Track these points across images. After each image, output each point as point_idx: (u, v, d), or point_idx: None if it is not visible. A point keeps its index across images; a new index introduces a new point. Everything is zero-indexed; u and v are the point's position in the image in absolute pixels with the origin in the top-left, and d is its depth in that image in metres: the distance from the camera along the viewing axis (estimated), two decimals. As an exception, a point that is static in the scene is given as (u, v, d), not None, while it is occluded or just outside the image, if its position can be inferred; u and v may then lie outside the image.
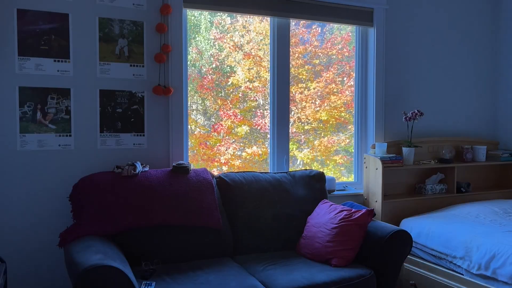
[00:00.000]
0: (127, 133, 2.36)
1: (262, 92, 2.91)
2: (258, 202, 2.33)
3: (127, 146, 2.36)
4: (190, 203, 2.11)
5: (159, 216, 2.05)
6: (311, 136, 3.09)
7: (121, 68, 2.33)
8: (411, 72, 3.18)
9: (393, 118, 3.08)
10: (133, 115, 2.37)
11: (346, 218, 2.13)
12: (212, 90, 2.82)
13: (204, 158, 2.81)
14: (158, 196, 2.08)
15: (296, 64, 2.99)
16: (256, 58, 2.88)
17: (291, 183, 2.48)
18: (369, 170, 2.87)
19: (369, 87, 3.06)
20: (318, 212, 2.33)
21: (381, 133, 3.03)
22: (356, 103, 3.09)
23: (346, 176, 3.20)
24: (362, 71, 3.07)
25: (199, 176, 2.24)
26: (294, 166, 3.03)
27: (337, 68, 3.13)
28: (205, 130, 2.83)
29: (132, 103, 2.37)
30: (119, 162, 2.30)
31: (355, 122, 3.10)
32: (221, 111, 2.84)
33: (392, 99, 3.10)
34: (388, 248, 2.10)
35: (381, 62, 3.01)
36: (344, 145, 3.20)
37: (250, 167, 2.89)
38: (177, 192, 2.12)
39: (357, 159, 3.10)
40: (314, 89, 3.05)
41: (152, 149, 2.42)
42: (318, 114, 3.07)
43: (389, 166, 2.80)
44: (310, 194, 2.48)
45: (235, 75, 2.84)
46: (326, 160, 3.15)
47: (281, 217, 2.35)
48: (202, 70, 2.76)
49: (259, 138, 2.94)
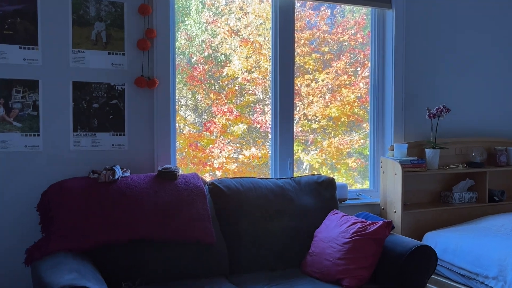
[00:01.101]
0: (104, 132, 2.37)
1: (262, 85, 2.94)
2: (257, 213, 2.33)
3: (105, 147, 2.38)
4: (178, 214, 2.14)
5: (142, 230, 2.08)
6: (319, 136, 3.12)
7: (98, 57, 2.34)
8: (436, 61, 3.22)
9: (414, 115, 3.12)
10: (112, 111, 2.38)
11: (360, 232, 2.14)
12: (204, 82, 2.85)
13: (195, 162, 2.83)
14: (141, 206, 2.11)
15: (301, 52, 3.02)
16: (255, 45, 2.90)
17: (296, 190, 2.51)
18: (386, 175, 2.90)
19: (386, 79, 3.09)
20: (327, 224, 2.35)
21: (400, 133, 3.07)
22: (371, 97, 3.13)
23: (360, 182, 3.23)
24: (378, 60, 3.10)
25: (189, 183, 2.26)
26: (300, 171, 3.06)
27: (350, 56, 3.16)
28: (196, 129, 2.86)
29: (111, 97, 2.38)
30: (95, 166, 2.30)
31: (371, 119, 3.13)
32: (215, 106, 2.87)
33: (414, 93, 3.13)
34: (409, 267, 2.12)
35: (400, 50, 3.05)
36: (358, 147, 3.23)
37: (248, 172, 2.92)
38: (163, 201, 2.15)
39: (373, 162, 3.13)
40: (323, 81, 3.08)
41: (134, 151, 2.42)
42: (328, 110, 3.10)
43: (410, 171, 2.83)
44: (318, 203, 2.51)
45: (231, 64, 2.86)
46: (337, 164, 3.18)
47: (284, 230, 2.36)
48: (193, 59, 2.79)
49: (258, 138, 2.97)
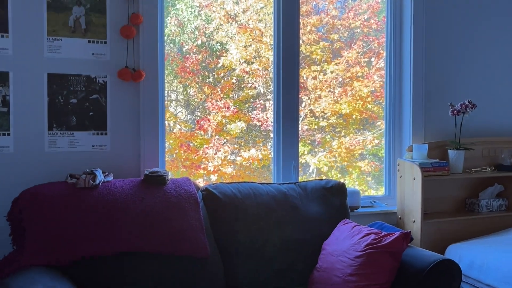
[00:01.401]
0: (84, 131, 2.37)
1: (263, 77, 2.90)
2: (257, 223, 2.32)
3: (84, 148, 2.37)
4: (167, 224, 2.11)
5: (126, 242, 2.04)
6: (328, 136, 3.09)
7: (77, 45, 2.33)
8: (460, 50, 3.17)
9: (436, 111, 3.07)
10: (92, 107, 2.37)
11: (374, 244, 2.12)
12: (196, 75, 2.82)
13: (187, 165, 2.80)
14: (126, 215, 2.08)
15: (308, 40, 2.98)
16: (255, 32, 2.88)
17: (301, 197, 2.48)
18: (404, 180, 2.87)
19: (404, 71, 3.05)
20: (337, 235, 2.33)
21: (420, 132, 3.03)
22: (387, 91, 3.09)
23: (374, 188, 3.19)
24: (395, 49, 3.06)
25: (180, 188, 2.24)
26: (306, 175, 3.02)
27: (362, 45, 3.12)
28: (188, 128, 2.83)
29: (91, 92, 2.37)
30: (73, 170, 2.29)
31: (386, 116, 3.09)
32: (209, 102, 2.84)
33: (435, 87, 3.09)
34: (429, 284, 2.08)
35: (420, 37, 3.01)
36: (372, 148, 3.19)
37: (247, 176, 2.88)
38: (151, 209, 2.12)
39: (389, 165, 3.10)
40: (332, 73, 3.05)
41: (117, 152, 2.42)
42: (337, 106, 3.06)
43: (430, 175, 2.80)
44: (326, 212, 2.49)
45: (227, 54, 2.83)
46: (348, 167, 3.15)
47: (288, 243, 2.35)
48: (184, 48, 2.76)
49: (259, 138, 2.94)
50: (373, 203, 2.99)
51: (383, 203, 3.03)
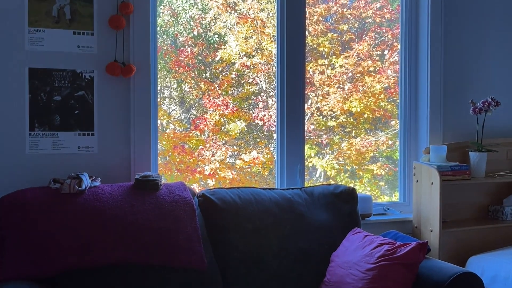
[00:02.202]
0: (69, 132, 2.36)
1: (265, 72, 2.92)
2: (259, 232, 2.32)
3: (69, 150, 2.37)
4: (160, 234, 2.12)
5: (115, 253, 2.05)
6: (337, 136, 3.10)
7: (61, 37, 2.32)
8: (483, 43, 3.18)
9: (455, 109, 3.08)
10: (78, 105, 2.36)
11: (388, 255, 2.13)
12: (192, 69, 2.83)
13: (181, 168, 2.81)
14: (114, 223, 2.08)
15: (314, 31, 2.99)
16: (257, 22, 2.89)
17: (308, 204, 2.50)
18: (421, 185, 2.86)
19: (420, 65, 3.06)
20: (347, 246, 2.34)
21: (438, 132, 3.03)
22: (402, 87, 3.09)
23: (387, 194, 3.20)
24: (410, 41, 3.06)
25: (174, 194, 2.25)
26: (312, 179, 3.04)
27: (375, 37, 3.13)
28: (183, 127, 2.85)
29: (77, 88, 2.36)
30: (57, 174, 2.27)
31: (401, 115, 3.09)
32: (206, 99, 2.85)
33: (455, 82, 3.09)
34: None
35: (438, 27, 3.01)
36: (385, 149, 3.20)
37: (247, 181, 2.89)
38: (142, 217, 2.13)
39: (404, 169, 3.10)
40: (341, 67, 3.05)
41: (105, 155, 2.42)
42: (347, 104, 3.06)
43: (450, 180, 2.80)
44: (335, 220, 2.49)
45: (226, 47, 2.84)
46: (359, 171, 3.15)
47: (293, 253, 2.34)
48: (178, 39, 2.77)
49: (260, 139, 2.95)
50: (387, 211, 2.99)
51: (397, 210, 3.02)
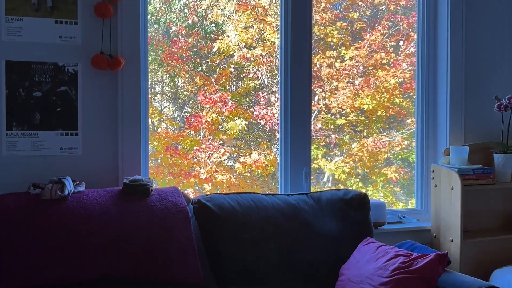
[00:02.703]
0: (50, 131, 2.36)
1: (267, 65, 2.91)
2: (260, 242, 2.32)
3: (51, 151, 2.37)
4: (151, 244, 2.11)
5: (102, 266, 2.04)
6: (347, 136, 3.09)
7: (41, 26, 2.32)
8: (509, 32, 3.17)
9: (478, 106, 3.07)
10: (60, 102, 2.37)
11: (404, 268, 2.12)
12: (186, 62, 2.83)
13: (174, 171, 2.81)
14: (100, 233, 2.07)
15: (322, 19, 2.98)
16: (258, 9, 2.88)
17: (315, 211, 2.49)
18: (440, 190, 2.86)
19: (439, 57, 3.05)
20: (358, 258, 2.33)
21: (459, 131, 3.03)
22: (419, 82, 3.08)
23: (403, 200, 3.19)
24: (428, 30, 3.05)
25: (167, 201, 2.25)
26: (320, 184, 3.03)
27: (388, 26, 3.12)
28: (176, 126, 2.84)
29: (59, 83, 2.36)
30: (37, 178, 2.26)
31: (418, 113, 3.09)
32: (202, 95, 2.84)
33: (478, 76, 3.08)
34: None
35: (459, 15, 3.00)
36: (400, 151, 3.19)
37: (247, 186, 2.89)
38: (131, 226, 2.12)
39: (421, 173, 3.09)
40: (352, 59, 3.05)
41: (90, 157, 2.42)
42: (358, 100, 3.06)
43: (472, 184, 2.79)
44: (344, 229, 2.49)
45: (224, 37, 2.84)
46: (371, 175, 3.15)
47: (299, 266, 2.35)
48: (171, 29, 2.77)
49: (262, 139, 2.95)
50: (402, 219, 2.99)
51: (414, 218, 3.02)
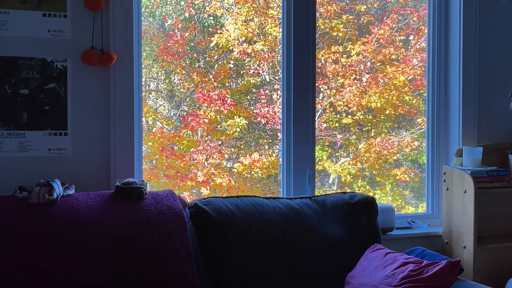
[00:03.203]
0: (38, 131, 2.37)
1: (268, 61, 2.92)
2: (261, 249, 2.33)
3: (38, 152, 2.38)
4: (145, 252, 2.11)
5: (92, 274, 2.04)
6: (353, 136, 3.11)
7: (28, 20, 2.33)
8: None
9: (492, 105, 3.07)
10: (48, 99, 2.38)
11: (414, 276, 2.12)
12: (183, 57, 2.84)
13: (170, 174, 2.82)
14: (91, 239, 2.08)
15: (326, 12, 3.00)
16: (259, 2, 2.89)
17: (319, 216, 2.50)
18: (452, 193, 2.87)
19: (452, 52, 3.06)
20: (365, 265, 2.34)
21: (472, 131, 3.03)
22: (430, 79, 3.10)
23: (413, 204, 3.19)
24: (440, 24, 3.07)
25: (161, 204, 2.26)
26: (324, 186, 3.04)
27: (398, 19, 3.13)
28: (172, 126, 2.85)
29: (47, 80, 2.37)
30: (24, 181, 2.27)
31: (429, 112, 3.11)
32: (199, 92, 2.86)
33: (492, 73, 3.08)
34: None
35: (472, 9, 3.00)
36: (410, 152, 3.20)
37: (248, 189, 2.90)
38: (124, 232, 2.13)
39: (432, 175, 3.11)
40: (358, 55, 3.06)
41: (80, 158, 2.44)
42: (366, 98, 3.07)
43: (486, 187, 2.80)
44: (351, 234, 2.50)
45: (223, 31, 2.86)
46: (379, 177, 3.16)
47: (302, 274, 2.35)
48: (167, 22, 2.79)
49: (263, 139, 2.96)
50: (412, 224, 2.99)
51: (424, 223, 3.03)
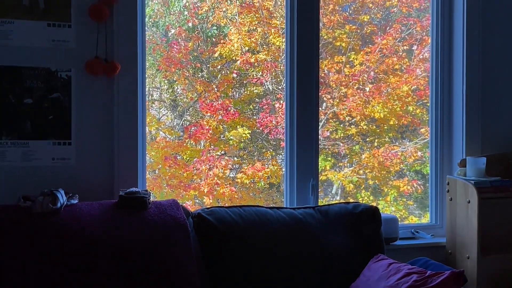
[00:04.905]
0: (41, 140, 2.37)
1: (271, 71, 2.93)
2: (264, 259, 2.33)
3: (42, 162, 2.38)
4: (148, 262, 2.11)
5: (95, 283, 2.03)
6: (357, 146, 3.12)
7: (33, 30, 2.34)
8: None
9: (496, 114, 3.08)
10: (52, 109, 2.38)
11: (418, 287, 2.11)
12: (186, 67, 2.85)
13: (173, 183, 2.82)
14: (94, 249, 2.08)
15: (329, 22, 3.00)
16: (262, 12, 2.89)
17: (322, 225, 2.50)
18: (455, 203, 2.86)
19: (455, 62, 3.07)
20: (368, 276, 2.34)
21: (476, 141, 3.04)
22: (433, 89, 3.09)
23: (416, 214, 3.18)
24: (443, 34, 3.08)
25: (165, 214, 2.25)
26: (327, 196, 3.04)
27: (401, 29, 3.13)
28: (175, 136, 2.86)
29: (51, 89, 2.37)
30: (28, 190, 2.26)
31: (432, 122, 3.10)
32: (202, 102, 2.87)
33: (496, 83, 3.09)
34: None
35: (476, 19, 3.01)
36: (413, 162, 3.19)
37: (251, 199, 2.91)
38: (127, 241, 2.13)
39: (436, 185, 3.11)
40: (362, 65, 3.06)
41: (84, 168, 2.43)
42: (369, 108, 3.08)
43: (490, 198, 2.78)
44: (354, 245, 2.50)
45: (226, 41, 2.87)
46: (382, 187, 3.16)
47: (305, 285, 2.35)
48: (170, 32, 2.80)
49: (266, 149, 2.97)
50: (415, 234, 2.99)
51: (428, 233, 3.02)
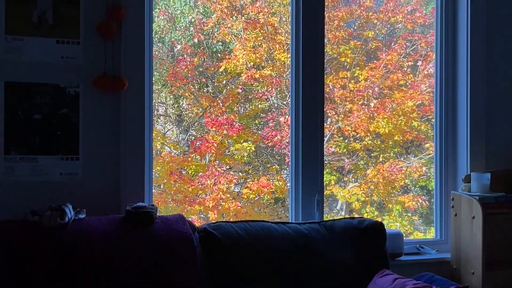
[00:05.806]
0: (50, 156, 2.40)
1: (276, 86, 2.98)
2: (269, 274, 2.34)
3: (50, 177, 2.39)
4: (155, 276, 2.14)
5: None
6: (361, 161, 3.17)
7: (42, 46, 2.36)
8: None
9: (500, 130, 3.11)
10: (60, 125, 2.40)
11: None
12: (191, 82, 2.91)
13: (178, 198, 2.85)
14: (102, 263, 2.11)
15: (334, 38, 3.05)
16: (267, 28, 2.95)
17: (327, 241, 2.52)
18: (460, 219, 2.89)
19: (459, 78, 3.09)
20: None
21: (480, 156, 3.06)
22: (438, 105, 3.13)
23: (421, 230, 3.21)
24: (447, 49, 3.11)
25: (171, 229, 2.28)
26: (333, 212, 3.09)
27: (406, 45, 3.19)
28: (180, 150, 2.91)
29: (60, 105, 2.40)
30: (36, 205, 2.25)
31: (437, 137, 3.14)
32: (208, 117, 2.92)
33: (500, 98, 3.12)
34: None
35: (480, 34, 3.05)
36: (418, 177, 3.23)
37: (256, 214, 2.94)
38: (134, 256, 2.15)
39: (441, 200, 3.13)
40: (366, 80, 3.12)
41: (91, 183, 2.44)
42: (374, 123, 3.13)
43: (495, 213, 2.80)
44: (359, 260, 2.53)
45: (231, 56, 2.93)
46: (387, 203, 3.20)
47: None
48: (176, 48, 2.86)
49: (271, 164, 3.03)
50: (421, 249, 3.01)
51: (433, 249, 3.03)
